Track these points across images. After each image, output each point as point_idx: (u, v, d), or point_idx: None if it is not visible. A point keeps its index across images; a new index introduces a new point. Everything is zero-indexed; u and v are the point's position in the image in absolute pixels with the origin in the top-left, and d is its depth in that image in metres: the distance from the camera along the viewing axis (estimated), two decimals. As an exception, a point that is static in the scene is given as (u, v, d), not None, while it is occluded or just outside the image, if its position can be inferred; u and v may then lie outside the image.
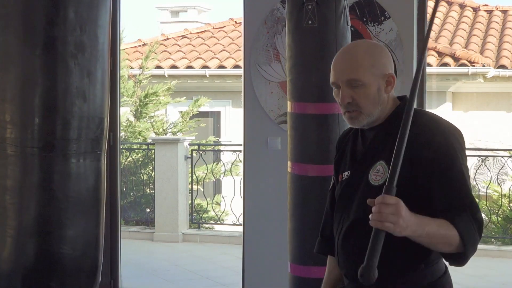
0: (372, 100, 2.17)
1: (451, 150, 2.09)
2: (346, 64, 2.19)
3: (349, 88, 2.17)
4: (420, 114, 2.17)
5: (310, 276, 3.41)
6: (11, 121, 2.47)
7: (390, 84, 2.20)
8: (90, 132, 2.56)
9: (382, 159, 2.14)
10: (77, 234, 2.54)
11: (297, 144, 3.47)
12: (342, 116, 3.44)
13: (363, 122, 2.20)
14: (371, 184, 2.14)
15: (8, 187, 2.49)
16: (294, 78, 3.44)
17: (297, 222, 3.46)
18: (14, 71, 2.48)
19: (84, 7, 2.52)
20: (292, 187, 3.50)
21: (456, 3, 13.79)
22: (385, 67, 2.19)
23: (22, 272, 2.49)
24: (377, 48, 2.24)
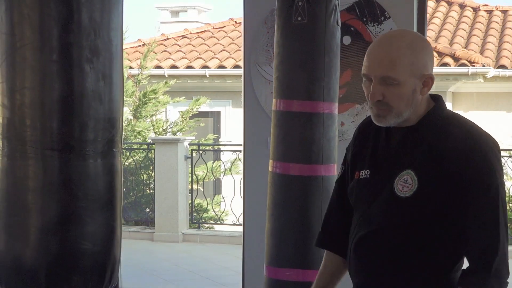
0: (405, 101, 1.95)
1: (490, 167, 1.92)
2: (383, 58, 1.94)
3: (382, 85, 1.94)
4: (455, 121, 2.00)
5: (285, 279, 3.34)
6: (31, 124, 2.59)
7: (427, 86, 1.98)
8: (106, 132, 2.68)
9: (411, 168, 1.95)
10: (97, 230, 2.68)
11: (280, 142, 3.41)
12: (326, 116, 3.48)
13: (390, 122, 1.99)
14: (397, 195, 1.95)
15: (30, 188, 2.62)
16: (280, 75, 3.40)
17: (275, 223, 3.39)
18: (31, 76, 2.60)
19: (97, 12, 2.62)
20: (272, 186, 3.43)
21: (456, 3, 13.80)
22: (425, 66, 1.97)
23: (46, 268, 2.61)
24: (420, 43, 1.99)
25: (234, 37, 13.56)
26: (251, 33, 4.90)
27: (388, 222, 1.98)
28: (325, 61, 3.33)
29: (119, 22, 2.72)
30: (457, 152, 1.91)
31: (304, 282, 3.31)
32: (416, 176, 1.93)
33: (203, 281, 7.01)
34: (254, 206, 4.97)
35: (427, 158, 1.94)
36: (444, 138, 1.94)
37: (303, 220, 3.32)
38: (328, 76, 3.34)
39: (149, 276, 7.17)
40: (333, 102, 3.40)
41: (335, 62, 3.39)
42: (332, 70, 3.36)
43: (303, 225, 3.30)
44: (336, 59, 3.39)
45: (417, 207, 1.93)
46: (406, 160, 1.97)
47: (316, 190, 3.33)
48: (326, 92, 3.34)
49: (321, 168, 3.34)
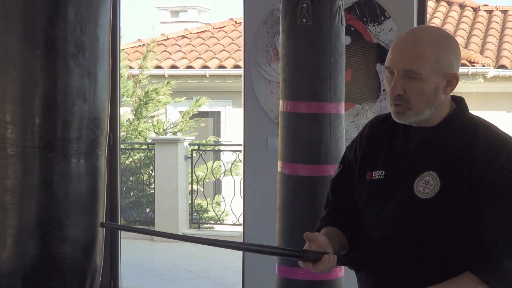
0: (427, 98, 1.90)
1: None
2: (408, 51, 1.89)
3: (404, 79, 1.89)
4: (482, 124, 1.95)
5: (297, 278, 3.36)
6: (12, 121, 2.47)
7: (451, 85, 1.92)
8: (90, 132, 2.57)
9: (433, 169, 1.88)
10: (77, 234, 2.56)
11: (288, 143, 3.43)
12: (333, 116, 3.48)
13: (409, 120, 1.92)
14: (417, 196, 1.88)
15: (9, 187, 2.50)
16: (287, 77, 3.42)
17: (286, 223, 3.42)
18: (14, 71, 2.49)
19: (84, 8, 2.52)
20: (282, 187, 3.45)
21: (456, 3, 13.79)
22: (450, 65, 1.91)
23: (23, 272, 2.50)
24: (447, 40, 1.94)
25: (234, 37, 13.55)
26: (251, 33, 4.90)
27: (407, 224, 1.91)
28: (330, 62, 3.35)
29: (106, 20, 2.63)
30: (482, 155, 1.86)
31: (316, 280, 3.33)
32: (438, 178, 1.87)
33: (203, 281, 7.01)
34: (254, 206, 4.97)
35: (450, 160, 1.89)
36: (469, 141, 1.89)
37: (312, 220, 3.34)
38: (334, 76, 3.36)
39: (149, 276, 7.17)
40: (340, 102, 3.43)
41: (341, 62, 3.41)
42: (338, 71, 3.38)
43: (313, 224, 3.32)
44: (341, 59, 3.41)
45: (439, 209, 1.87)
46: (427, 161, 1.91)
47: (325, 190, 3.34)
48: (332, 92, 3.37)
49: (329, 168, 3.36)
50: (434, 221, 1.88)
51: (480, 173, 1.85)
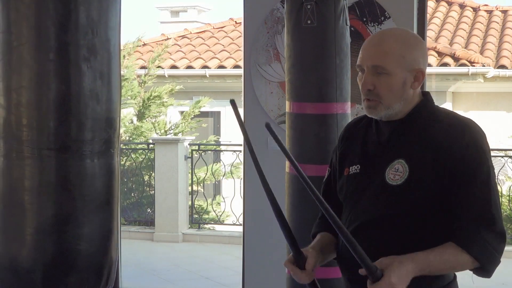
0: (395, 92, 2.02)
1: (479, 149, 1.98)
2: (375, 48, 2.03)
3: (373, 75, 2.02)
4: (444, 112, 2.09)
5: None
6: (28, 124, 2.55)
7: (418, 80, 2.05)
8: (103, 132, 2.65)
9: (402, 157, 2.00)
10: (93, 231, 2.64)
11: (295, 144, 3.45)
12: (340, 116, 3.49)
13: (380, 114, 2.04)
14: (388, 183, 2.00)
15: (27, 188, 2.59)
16: (292, 78, 3.44)
17: (294, 223, 3.43)
18: (28, 75, 2.56)
19: (95, 11, 2.59)
20: (290, 187, 3.47)
21: (456, 3, 13.80)
22: (416, 60, 2.04)
23: (42, 268, 2.58)
24: (412, 39, 2.07)
25: (234, 37, 13.55)
26: (251, 33, 4.90)
27: (381, 211, 2.01)
28: (336, 62, 3.36)
29: (117, 21, 2.70)
30: (447, 138, 1.97)
31: (325, 279, 3.34)
32: (407, 164, 1.99)
33: (203, 281, 7.01)
34: (254, 206, 4.97)
35: (417, 147, 2.00)
36: (434, 126, 2.01)
37: None
38: (340, 77, 3.37)
39: (149, 276, 7.17)
40: (346, 102, 3.44)
41: (346, 62, 3.42)
42: (343, 71, 3.40)
43: None
44: (346, 59, 3.42)
45: (409, 194, 1.98)
46: (396, 151, 2.03)
47: None
48: (338, 93, 3.38)
49: None
50: (406, 205, 1.99)
51: (445, 156, 1.95)
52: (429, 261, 1.91)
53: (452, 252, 1.93)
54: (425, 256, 1.92)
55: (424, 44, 2.11)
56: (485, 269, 1.98)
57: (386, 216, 2.01)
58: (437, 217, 1.98)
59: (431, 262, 1.91)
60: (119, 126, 2.76)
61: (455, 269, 1.99)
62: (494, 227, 1.94)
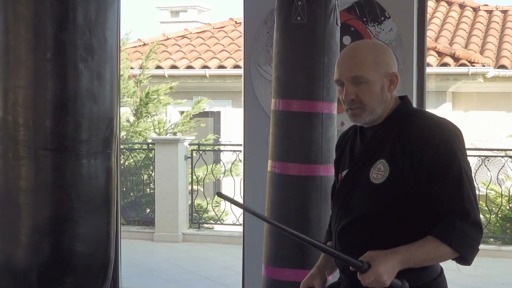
0: (376, 97, 2.18)
1: (451, 148, 2.11)
2: (350, 61, 2.20)
3: (354, 85, 2.17)
4: (419, 114, 2.22)
5: (284, 279, 3.35)
6: (24, 123, 2.54)
7: (393, 83, 2.21)
8: (100, 132, 2.64)
9: (383, 158, 2.15)
10: (89, 231, 2.63)
11: (279, 142, 3.41)
12: (325, 116, 3.46)
13: (365, 119, 2.20)
14: (372, 182, 2.15)
15: (22, 188, 2.58)
16: (280, 75, 3.39)
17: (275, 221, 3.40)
18: (25, 75, 2.55)
19: (92, 11, 2.58)
20: (271, 186, 3.42)
21: (456, 3, 13.80)
22: (388, 65, 2.21)
23: (37, 269, 2.57)
24: (380, 47, 2.26)
25: (234, 37, 13.55)
26: (251, 33, 4.90)
27: (366, 208, 2.16)
28: (324, 61, 3.33)
29: (114, 21, 2.68)
30: (421, 137, 2.11)
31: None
32: (387, 164, 2.13)
33: (203, 281, 7.01)
34: (254, 206, 4.95)
35: (395, 147, 2.14)
36: (409, 128, 2.14)
37: (302, 220, 3.32)
38: (327, 76, 3.34)
39: (149, 276, 7.17)
40: (332, 102, 3.40)
41: (335, 62, 3.38)
42: (331, 70, 3.35)
43: (302, 224, 3.30)
44: (335, 59, 3.38)
45: (390, 191, 2.12)
46: (378, 151, 2.18)
47: (315, 190, 3.34)
48: (325, 92, 3.34)
49: (320, 168, 3.33)
50: (388, 202, 2.13)
51: (418, 155, 2.09)
52: (411, 253, 2.05)
53: (432, 244, 2.06)
54: (408, 249, 2.05)
55: (390, 50, 2.29)
56: (465, 258, 2.09)
57: (372, 212, 2.15)
58: (418, 213, 2.11)
59: (413, 254, 2.05)
60: (116, 127, 2.74)
61: (437, 260, 2.11)
62: (468, 219, 2.07)
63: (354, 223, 2.19)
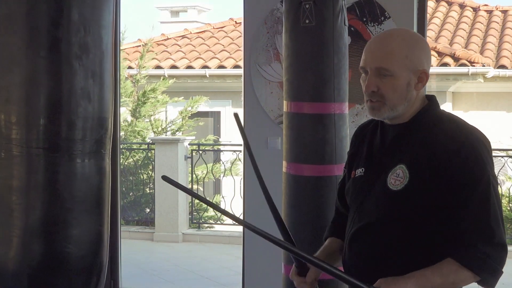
0: (399, 93, 2.00)
1: (480, 160, 1.95)
2: (378, 50, 2.01)
3: (377, 77, 2.00)
4: (447, 118, 2.05)
5: None
6: (17, 122, 2.49)
7: (422, 81, 2.04)
8: (94, 132, 2.59)
9: (403, 163, 1.99)
10: (82, 233, 2.57)
11: (292, 143, 3.44)
12: (337, 116, 3.48)
13: (384, 115, 2.04)
14: (389, 188, 2.00)
15: (14, 188, 2.52)
16: (290, 78, 3.42)
17: (291, 223, 3.42)
18: (19, 72, 2.50)
19: (87, 8, 2.54)
20: (287, 187, 3.46)
21: (456, 3, 13.79)
22: (420, 61, 2.02)
23: (29, 271, 2.51)
24: (415, 39, 2.05)
25: (234, 37, 13.55)
26: (251, 33, 4.90)
27: (381, 215, 2.02)
28: (334, 62, 3.35)
29: (110, 20, 2.64)
30: (447, 146, 1.95)
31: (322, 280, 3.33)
32: (407, 170, 1.98)
33: (203, 281, 7.01)
34: (254, 206, 4.97)
35: (418, 153, 1.98)
36: (435, 133, 1.99)
37: (318, 220, 3.35)
38: (338, 77, 3.37)
39: (149, 276, 7.17)
40: (344, 102, 3.43)
41: (344, 62, 3.41)
42: (341, 71, 3.39)
43: (318, 224, 3.32)
44: (344, 59, 3.41)
45: (408, 199, 1.97)
46: (399, 156, 2.02)
47: (330, 190, 3.36)
48: (336, 93, 3.38)
49: (334, 168, 3.37)
50: (405, 211, 1.98)
51: (443, 165, 1.93)
52: (426, 277, 1.90)
53: (451, 268, 1.92)
54: (422, 272, 1.91)
55: (427, 44, 2.09)
56: (487, 282, 1.95)
57: (386, 220, 2.02)
58: (436, 224, 1.97)
59: (429, 278, 1.90)
60: (111, 127, 2.69)
61: (457, 284, 1.96)
62: (493, 240, 1.93)
63: (365, 229, 2.05)
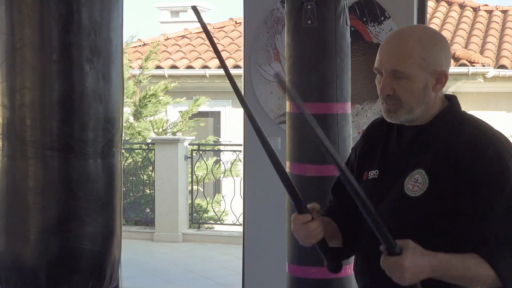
0: (417, 96, 1.90)
1: (505, 165, 1.85)
2: (394, 51, 1.91)
3: (392, 79, 1.90)
4: (469, 121, 1.95)
5: (309, 277, 3.40)
6: (31, 125, 2.58)
7: (441, 83, 1.94)
8: (106, 132, 2.68)
9: (422, 167, 1.90)
10: (96, 230, 2.68)
11: (295, 144, 3.46)
12: (340, 116, 3.48)
13: (400, 118, 1.94)
14: (407, 194, 1.91)
15: (30, 188, 2.62)
16: (293, 78, 3.44)
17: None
18: (31, 76, 2.59)
19: (97, 12, 2.62)
20: None
21: (456, 3, 13.80)
22: (438, 62, 1.92)
23: (46, 267, 2.61)
24: (434, 38, 1.94)
25: (234, 37, 13.55)
26: (251, 33, 4.90)
27: (398, 222, 1.91)
28: (336, 62, 3.37)
29: (119, 22, 2.73)
30: (470, 151, 1.86)
31: (328, 279, 3.35)
32: (427, 175, 1.89)
33: (203, 281, 7.01)
34: (254, 206, 4.97)
35: (439, 158, 1.90)
36: (457, 137, 1.90)
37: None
38: (340, 77, 3.38)
39: (149, 276, 7.17)
40: (346, 102, 3.45)
41: (346, 62, 3.43)
42: (344, 71, 3.40)
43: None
44: (347, 59, 3.43)
45: (428, 206, 1.89)
46: (417, 160, 1.93)
47: None
48: (339, 93, 3.39)
49: None
50: (424, 218, 1.89)
51: (467, 169, 1.84)
52: (451, 264, 1.81)
53: (475, 262, 1.82)
54: (449, 258, 1.81)
55: (446, 42, 1.99)
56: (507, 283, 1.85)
57: (403, 226, 1.90)
58: (456, 230, 1.88)
59: (453, 265, 1.81)
60: (121, 126, 2.79)
61: (474, 281, 1.86)
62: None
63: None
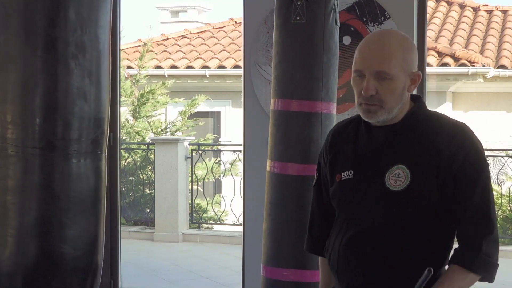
0: (397, 96, 2.00)
1: (480, 155, 2.00)
2: (378, 53, 1.99)
3: (376, 80, 1.98)
4: (437, 117, 2.07)
5: (282, 279, 3.35)
6: (12, 121, 2.47)
7: (414, 83, 2.05)
8: (90, 132, 2.57)
9: (402, 163, 1.98)
10: (78, 234, 2.56)
11: (278, 142, 3.40)
12: (325, 116, 3.46)
13: (380, 118, 2.02)
14: (389, 189, 1.98)
15: (9, 187, 2.50)
16: (279, 75, 3.39)
17: (273, 222, 3.38)
18: (15, 71, 2.49)
19: (84, 8, 2.52)
20: (270, 186, 3.41)
21: (456, 3, 13.79)
22: (414, 64, 2.04)
23: (23, 272, 2.49)
24: (409, 42, 2.06)
25: (234, 37, 13.55)
26: (251, 33, 4.90)
27: (381, 218, 2.00)
28: (323, 61, 3.33)
29: (107, 20, 2.63)
30: (450, 143, 1.97)
31: (301, 282, 3.31)
32: (408, 170, 1.97)
33: (203, 281, 7.01)
34: (254, 206, 4.97)
35: (418, 152, 1.99)
36: (434, 134, 1.99)
37: (300, 220, 3.31)
38: (326, 76, 3.34)
39: (149, 276, 7.17)
40: (332, 102, 3.40)
41: (334, 62, 3.38)
42: (330, 70, 3.35)
43: (301, 225, 3.30)
44: (334, 59, 3.38)
45: (411, 199, 1.97)
46: (396, 156, 2.01)
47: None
48: (324, 92, 3.34)
49: None
50: (407, 212, 1.98)
51: (448, 163, 1.96)
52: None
53: (460, 276, 1.98)
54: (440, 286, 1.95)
55: (416, 46, 2.13)
56: (489, 278, 2.05)
57: (388, 221, 2.00)
58: (439, 221, 2.00)
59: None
60: (107, 127, 2.68)
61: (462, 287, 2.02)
62: (492, 236, 1.99)
63: (364, 234, 2.02)
